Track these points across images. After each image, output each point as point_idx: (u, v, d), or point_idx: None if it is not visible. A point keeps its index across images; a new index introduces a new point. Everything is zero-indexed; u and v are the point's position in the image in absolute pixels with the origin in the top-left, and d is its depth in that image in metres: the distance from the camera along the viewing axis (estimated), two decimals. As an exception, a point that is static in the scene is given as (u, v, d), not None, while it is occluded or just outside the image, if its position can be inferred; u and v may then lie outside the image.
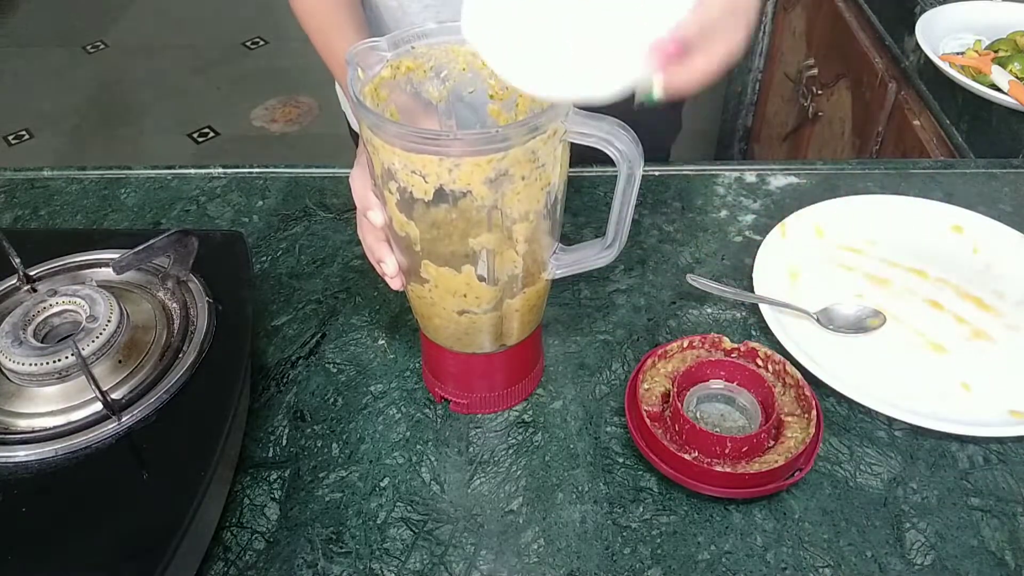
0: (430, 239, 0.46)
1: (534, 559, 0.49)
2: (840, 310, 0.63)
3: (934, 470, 0.53)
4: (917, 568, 0.48)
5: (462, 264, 0.47)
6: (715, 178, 0.78)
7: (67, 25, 3.13)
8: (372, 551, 0.49)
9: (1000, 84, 0.95)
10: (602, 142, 0.45)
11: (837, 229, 0.71)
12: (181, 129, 2.54)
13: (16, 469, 0.45)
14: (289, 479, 0.53)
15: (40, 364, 0.48)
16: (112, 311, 0.51)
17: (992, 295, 0.65)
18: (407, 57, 0.48)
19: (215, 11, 3.17)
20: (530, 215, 0.45)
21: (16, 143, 2.51)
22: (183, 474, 0.45)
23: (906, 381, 0.58)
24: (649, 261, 0.69)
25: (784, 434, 0.52)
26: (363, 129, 0.44)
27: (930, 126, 1.08)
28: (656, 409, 0.54)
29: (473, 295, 0.49)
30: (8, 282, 0.56)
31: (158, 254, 0.56)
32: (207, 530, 0.48)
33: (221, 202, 0.77)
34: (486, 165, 0.42)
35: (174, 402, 0.49)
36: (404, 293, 0.53)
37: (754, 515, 0.51)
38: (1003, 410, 0.56)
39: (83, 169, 0.81)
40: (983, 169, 0.79)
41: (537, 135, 0.42)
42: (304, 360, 0.61)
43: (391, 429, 0.56)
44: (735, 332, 0.63)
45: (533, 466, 0.54)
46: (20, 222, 0.75)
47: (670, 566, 0.48)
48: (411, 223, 0.46)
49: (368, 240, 0.53)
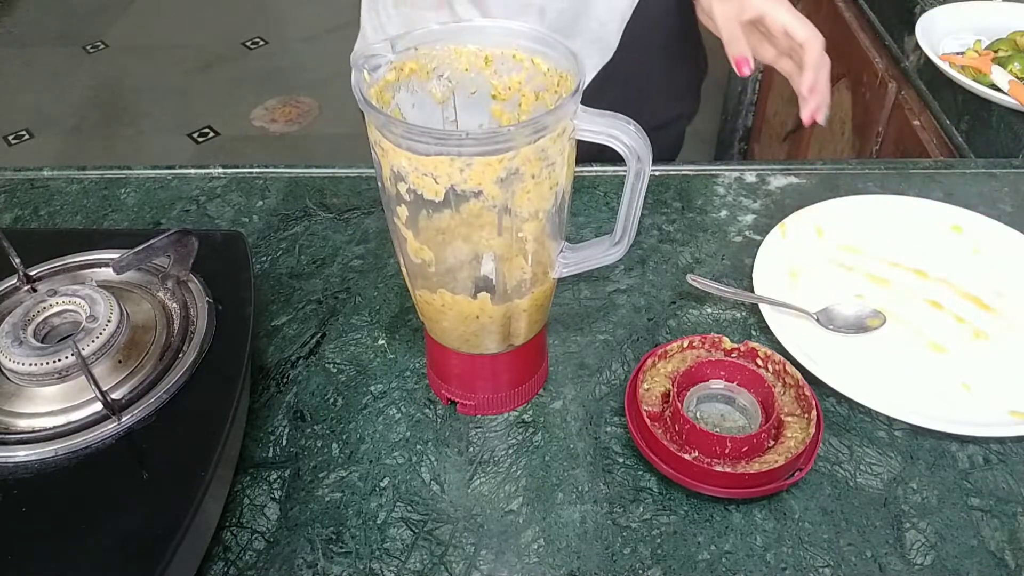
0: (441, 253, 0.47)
1: (534, 559, 0.49)
2: (840, 310, 0.63)
3: (934, 470, 0.53)
4: (917, 568, 0.48)
5: (478, 292, 0.48)
6: (715, 178, 0.78)
7: (67, 25, 3.13)
8: (372, 551, 0.49)
9: (1000, 84, 0.95)
10: (610, 138, 0.45)
11: (837, 229, 0.71)
12: (181, 129, 2.55)
13: (16, 469, 0.45)
14: (289, 479, 0.53)
15: (40, 364, 0.48)
16: (112, 311, 0.51)
17: (992, 295, 0.65)
18: (410, 59, 0.48)
19: (215, 11, 3.17)
20: (539, 214, 0.46)
21: (16, 143, 2.51)
22: (183, 474, 0.45)
23: (906, 381, 0.58)
24: (649, 261, 0.69)
25: (784, 434, 0.52)
26: (371, 131, 0.44)
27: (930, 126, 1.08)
28: (656, 409, 0.54)
29: (486, 316, 0.50)
30: (8, 282, 0.56)
31: (158, 254, 0.56)
32: (207, 530, 0.48)
33: (221, 202, 0.77)
34: (497, 164, 0.42)
35: (174, 402, 0.49)
36: (406, 293, 0.53)
37: (754, 515, 0.51)
38: (1003, 410, 0.56)
39: (83, 169, 0.81)
40: (983, 169, 0.79)
41: (547, 133, 0.42)
42: (304, 360, 0.61)
43: (391, 429, 0.56)
44: (735, 332, 0.63)
45: (533, 466, 0.54)
46: (20, 222, 0.75)
47: (670, 566, 0.48)
48: (424, 248, 0.47)
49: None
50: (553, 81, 0.48)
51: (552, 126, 0.42)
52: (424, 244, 0.47)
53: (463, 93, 0.50)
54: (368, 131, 0.45)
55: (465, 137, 0.41)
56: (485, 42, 0.49)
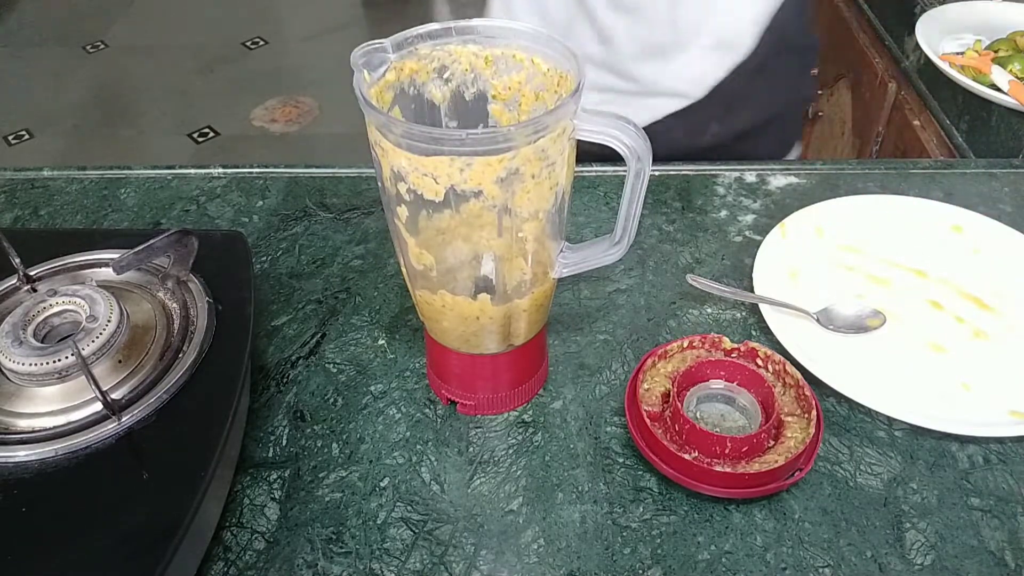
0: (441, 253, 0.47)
1: (534, 559, 0.49)
2: (840, 310, 0.63)
3: (934, 470, 0.53)
4: (917, 568, 0.48)
5: (478, 293, 0.48)
6: (715, 178, 0.78)
7: (67, 25, 3.13)
8: (372, 551, 0.49)
9: (1000, 84, 0.95)
10: (610, 138, 0.45)
11: (837, 229, 0.71)
12: (181, 129, 2.55)
13: (16, 469, 0.45)
14: (289, 479, 0.53)
15: (40, 364, 0.48)
16: (112, 311, 0.51)
17: (992, 295, 0.65)
18: (410, 59, 0.48)
19: (215, 11, 3.18)
20: (539, 214, 0.46)
21: (16, 143, 2.51)
22: (183, 474, 0.45)
23: (906, 381, 0.58)
24: (649, 261, 0.69)
25: (784, 434, 0.52)
26: (371, 131, 0.44)
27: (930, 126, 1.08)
28: (656, 409, 0.54)
29: (487, 316, 0.50)
30: (8, 282, 0.56)
31: (158, 254, 0.56)
32: (207, 530, 0.48)
33: (221, 202, 0.77)
34: (497, 164, 0.42)
35: (174, 402, 0.49)
36: (406, 293, 0.53)
37: (754, 515, 0.51)
38: (1003, 410, 0.56)
39: (83, 169, 0.81)
40: (983, 169, 0.79)
41: (547, 133, 0.42)
42: (304, 360, 0.61)
43: (391, 429, 0.56)
44: (735, 332, 0.63)
45: (533, 466, 0.54)
46: (20, 222, 0.75)
47: (670, 566, 0.48)
48: (425, 253, 0.47)
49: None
50: (553, 81, 0.48)
51: (552, 126, 0.42)
52: (425, 246, 0.47)
53: (463, 93, 0.50)
54: (368, 131, 0.45)
55: (465, 137, 0.41)
56: (485, 42, 0.49)
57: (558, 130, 0.43)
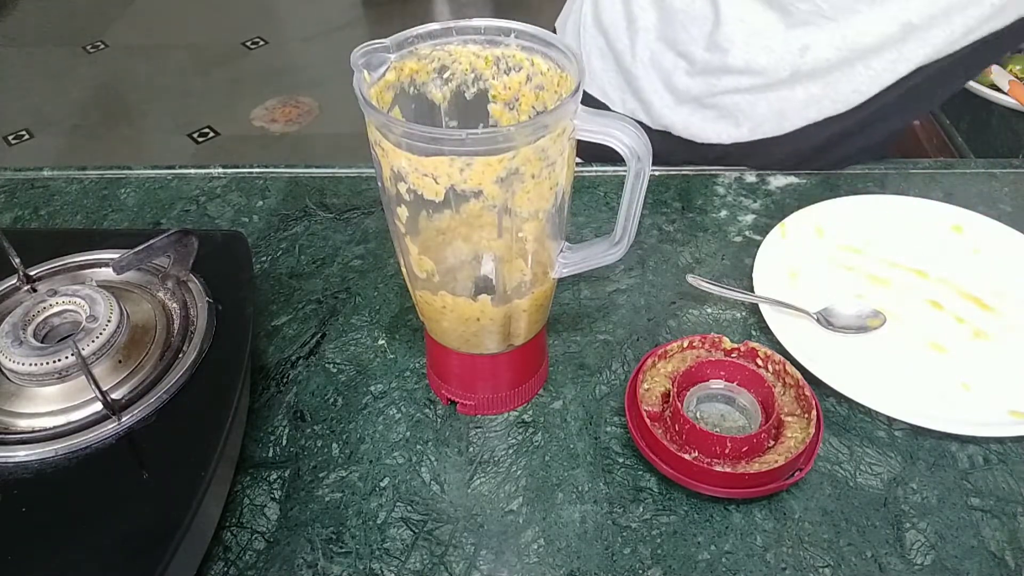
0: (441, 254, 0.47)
1: (534, 559, 0.49)
2: (840, 310, 0.63)
3: (934, 470, 0.53)
4: (917, 568, 0.48)
5: (478, 294, 0.48)
6: (715, 178, 0.78)
7: (67, 25, 3.13)
8: (372, 551, 0.49)
9: (1000, 84, 0.95)
10: (610, 138, 0.45)
11: (837, 229, 0.71)
12: (181, 129, 2.55)
13: (16, 469, 0.45)
14: (289, 479, 0.53)
15: (40, 364, 0.48)
16: (112, 311, 0.51)
17: (992, 295, 0.65)
18: (411, 59, 0.48)
19: (215, 11, 3.18)
20: (539, 214, 0.46)
21: (16, 143, 2.52)
22: (183, 474, 0.45)
23: (906, 381, 0.58)
24: (649, 261, 0.69)
25: (784, 434, 0.52)
26: (371, 131, 0.44)
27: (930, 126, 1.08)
28: (656, 409, 0.54)
29: (487, 317, 0.50)
30: (8, 282, 0.56)
31: (158, 254, 0.56)
32: (207, 530, 0.48)
33: (221, 202, 0.77)
34: (497, 164, 0.42)
35: (174, 402, 0.49)
36: (406, 293, 0.53)
37: (754, 515, 0.51)
38: (1003, 410, 0.56)
39: (83, 169, 0.81)
40: (983, 169, 0.79)
41: (547, 133, 0.42)
42: (304, 360, 0.61)
43: (391, 429, 0.56)
44: (735, 332, 0.63)
45: (533, 466, 0.54)
46: (20, 222, 0.75)
47: (670, 566, 0.48)
48: (426, 259, 0.47)
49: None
50: (553, 81, 0.48)
51: (552, 126, 0.42)
52: (425, 247, 0.47)
53: (463, 93, 0.50)
54: (368, 131, 0.45)
55: (465, 137, 0.41)
56: (485, 42, 0.49)
57: (558, 130, 0.43)
